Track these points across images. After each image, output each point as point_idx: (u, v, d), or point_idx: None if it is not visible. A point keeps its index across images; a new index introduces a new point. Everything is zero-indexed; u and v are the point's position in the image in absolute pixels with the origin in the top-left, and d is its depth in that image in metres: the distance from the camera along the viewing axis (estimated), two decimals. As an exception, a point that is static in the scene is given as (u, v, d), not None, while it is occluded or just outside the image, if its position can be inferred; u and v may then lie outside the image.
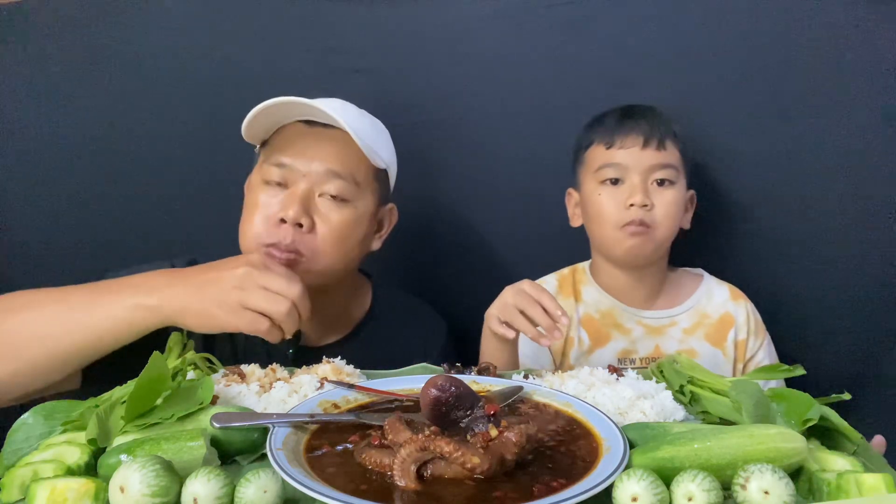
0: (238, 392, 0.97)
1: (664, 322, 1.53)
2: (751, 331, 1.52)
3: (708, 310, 1.54)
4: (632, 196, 1.41)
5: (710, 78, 1.61)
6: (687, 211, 1.51)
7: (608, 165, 1.44)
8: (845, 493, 0.72)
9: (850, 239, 1.62)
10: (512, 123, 1.69)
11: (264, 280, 1.06)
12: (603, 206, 1.45)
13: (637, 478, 0.70)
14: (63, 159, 1.73)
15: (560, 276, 1.60)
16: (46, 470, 0.77)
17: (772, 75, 1.59)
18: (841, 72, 1.56)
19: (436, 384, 0.79)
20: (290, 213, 1.23)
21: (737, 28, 1.59)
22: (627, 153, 1.42)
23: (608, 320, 1.54)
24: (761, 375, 1.09)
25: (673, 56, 1.62)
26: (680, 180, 1.45)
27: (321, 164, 1.26)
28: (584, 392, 0.98)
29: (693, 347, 1.50)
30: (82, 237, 1.75)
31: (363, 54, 1.68)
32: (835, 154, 1.59)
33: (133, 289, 1.07)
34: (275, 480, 0.70)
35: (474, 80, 1.69)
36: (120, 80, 1.71)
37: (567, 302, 1.55)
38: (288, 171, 1.26)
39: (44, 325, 1.05)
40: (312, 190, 1.26)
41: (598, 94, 1.62)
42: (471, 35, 1.68)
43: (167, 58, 1.70)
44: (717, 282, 1.58)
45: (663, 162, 1.42)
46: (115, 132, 1.72)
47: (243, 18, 1.69)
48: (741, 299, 1.55)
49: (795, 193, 1.62)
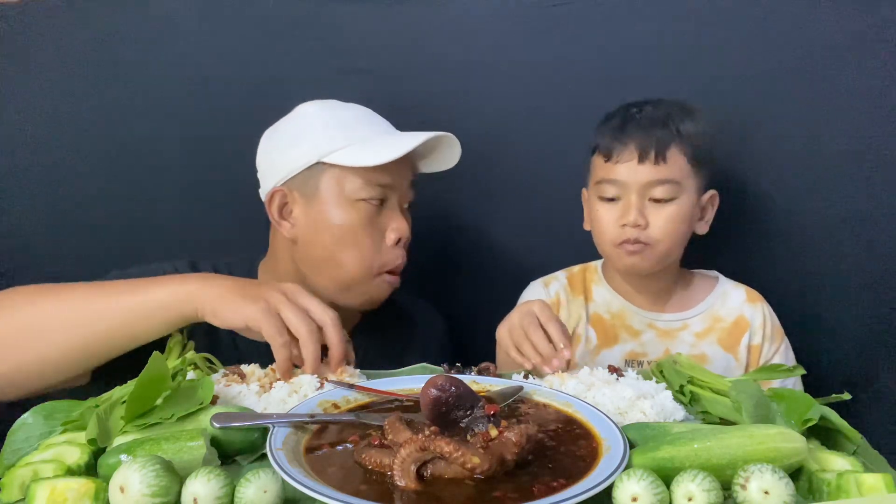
0: (238, 392, 0.97)
1: (675, 325, 1.50)
2: (766, 335, 1.48)
3: (721, 313, 1.50)
4: (625, 215, 1.38)
5: (714, 77, 1.60)
6: (703, 216, 1.46)
7: (605, 181, 1.41)
8: (845, 493, 0.71)
9: (847, 237, 1.62)
10: (513, 123, 1.69)
11: (303, 301, 1.05)
12: (601, 221, 1.43)
13: (637, 478, 0.70)
14: (63, 159, 1.73)
15: (570, 273, 1.58)
16: (46, 470, 0.77)
17: (782, 74, 1.58)
18: (854, 70, 1.55)
19: (436, 384, 0.79)
20: (406, 231, 1.33)
21: (743, 26, 1.58)
22: (625, 167, 1.38)
23: (618, 321, 1.52)
24: (761, 375, 1.09)
25: (677, 55, 1.61)
26: (683, 193, 1.39)
27: (406, 179, 1.35)
28: (584, 392, 0.98)
29: (704, 352, 1.48)
30: (82, 238, 1.75)
31: (363, 54, 1.68)
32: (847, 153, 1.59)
33: (165, 281, 1.08)
34: (275, 480, 0.70)
35: (475, 80, 1.69)
36: (120, 80, 1.71)
37: (577, 300, 1.54)
38: (389, 189, 1.31)
39: (56, 322, 1.04)
40: (402, 205, 1.35)
41: (600, 93, 1.61)
42: (471, 35, 1.68)
43: (167, 58, 1.70)
44: (734, 284, 1.54)
45: (661, 178, 1.37)
46: (116, 132, 1.72)
47: (243, 19, 1.69)
48: (759, 302, 1.51)
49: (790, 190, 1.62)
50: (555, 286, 1.55)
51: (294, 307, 1.03)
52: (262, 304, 1.02)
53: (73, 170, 1.73)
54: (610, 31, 1.63)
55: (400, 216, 1.32)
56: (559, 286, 1.55)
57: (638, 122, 1.39)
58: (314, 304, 1.05)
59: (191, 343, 1.10)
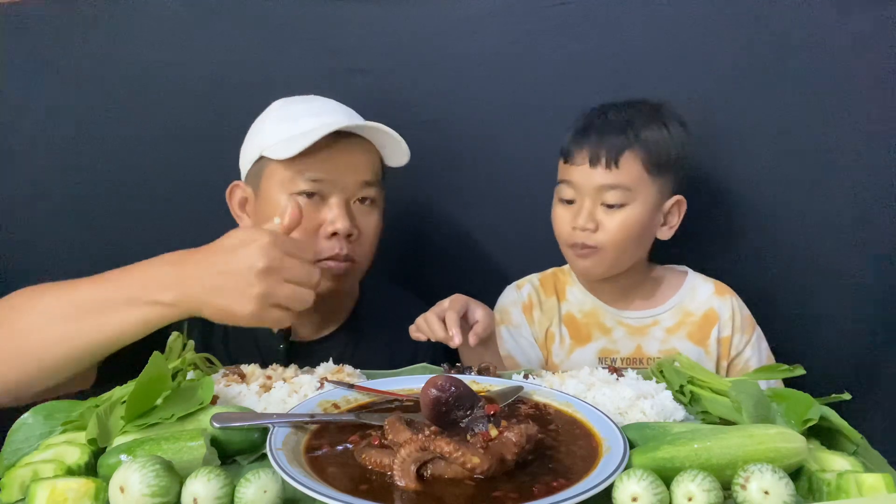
0: (238, 392, 0.97)
1: (646, 322, 1.52)
2: (736, 327, 1.50)
3: (691, 307, 1.52)
4: (575, 218, 1.40)
5: (711, 77, 1.60)
6: (666, 222, 1.45)
7: (562, 182, 1.43)
8: (845, 493, 0.72)
9: (847, 237, 1.62)
10: (512, 123, 1.69)
11: (287, 271, 0.96)
12: (557, 222, 1.46)
13: (637, 478, 0.70)
14: (63, 159, 1.73)
15: (542, 276, 1.61)
16: (46, 470, 0.77)
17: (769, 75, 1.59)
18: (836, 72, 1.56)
19: (436, 384, 0.79)
20: (341, 225, 1.28)
21: (737, 29, 1.59)
22: (578, 170, 1.40)
23: (590, 319, 1.54)
24: (761, 375, 1.09)
25: (673, 56, 1.61)
26: (637, 199, 1.38)
27: (355, 175, 1.31)
28: (584, 392, 0.99)
29: (675, 347, 1.49)
30: (83, 237, 1.75)
31: (363, 54, 1.68)
32: (831, 150, 1.59)
33: (143, 287, 1.00)
34: (275, 480, 0.70)
35: (474, 80, 1.69)
36: (120, 81, 1.71)
37: (549, 300, 1.56)
38: (325, 184, 1.29)
39: (56, 328, 1.02)
40: (350, 199, 1.32)
41: (598, 94, 1.61)
42: (471, 35, 1.68)
43: (168, 59, 1.70)
44: (703, 278, 1.55)
45: (612, 183, 1.37)
46: (116, 132, 1.72)
47: (243, 19, 1.69)
48: (727, 294, 1.52)
49: (790, 190, 1.63)
50: (527, 289, 1.58)
51: (283, 287, 0.96)
52: (251, 303, 0.95)
53: (73, 170, 1.73)
54: (608, 32, 1.63)
55: (338, 210, 1.28)
56: (531, 288, 1.57)
57: (597, 126, 1.40)
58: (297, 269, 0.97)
59: (191, 343, 1.09)
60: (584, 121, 1.44)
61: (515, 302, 1.56)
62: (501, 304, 1.58)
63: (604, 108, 1.45)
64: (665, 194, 1.43)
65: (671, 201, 1.44)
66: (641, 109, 1.43)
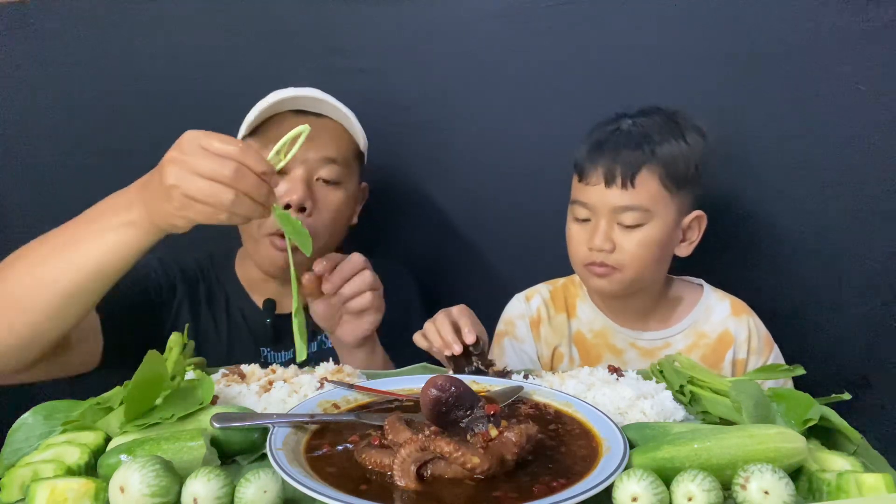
0: (238, 392, 0.97)
1: (658, 344, 1.45)
2: (752, 349, 1.43)
3: (705, 328, 1.45)
4: (592, 238, 1.35)
5: (712, 77, 1.60)
6: (685, 238, 1.40)
7: (577, 202, 1.38)
8: (845, 493, 0.72)
9: (850, 239, 1.62)
10: (513, 124, 1.69)
11: (195, 163, 0.93)
12: (571, 241, 1.40)
13: (637, 478, 0.71)
14: (64, 159, 1.73)
15: (553, 286, 1.54)
16: (46, 470, 0.77)
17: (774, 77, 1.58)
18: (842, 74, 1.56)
19: (436, 384, 0.79)
20: (295, 197, 1.30)
21: (740, 29, 1.58)
22: (594, 190, 1.34)
23: (601, 340, 1.48)
24: (761, 375, 1.09)
25: (675, 57, 1.61)
26: (654, 218, 1.33)
27: (317, 152, 1.34)
28: (584, 392, 0.98)
29: None
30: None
31: (363, 54, 1.68)
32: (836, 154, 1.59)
33: (112, 210, 1.03)
34: (275, 480, 0.70)
35: (475, 80, 1.68)
36: (120, 80, 1.71)
37: (559, 316, 1.50)
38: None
39: (40, 272, 1.02)
40: (311, 175, 1.34)
41: (599, 94, 1.62)
42: (471, 35, 1.68)
43: (168, 58, 1.70)
44: (719, 296, 1.48)
45: (629, 204, 1.32)
46: (116, 132, 1.72)
47: (244, 19, 1.69)
48: (744, 314, 1.45)
49: (796, 194, 1.62)
50: (536, 301, 1.51)
51: (191, 180, 0.93)
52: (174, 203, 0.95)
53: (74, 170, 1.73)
54: (608, 32, 1.63)
55: (295, 184, 1.30)
56: (540, 301, 1.51)
57: (612, 142, 1.35)
58: (205, 161, 0.93)
59: (191, 343, 1.09)
60: (596, 135, 1.38)
61: (523, 315, 1.50)
62: (508, 315, 1.52)
63: (617, 118, 1.40)
64: (684, 210, 1.38)
65: (690, 217, 1.39)
66: (656, 120, 1.37)
